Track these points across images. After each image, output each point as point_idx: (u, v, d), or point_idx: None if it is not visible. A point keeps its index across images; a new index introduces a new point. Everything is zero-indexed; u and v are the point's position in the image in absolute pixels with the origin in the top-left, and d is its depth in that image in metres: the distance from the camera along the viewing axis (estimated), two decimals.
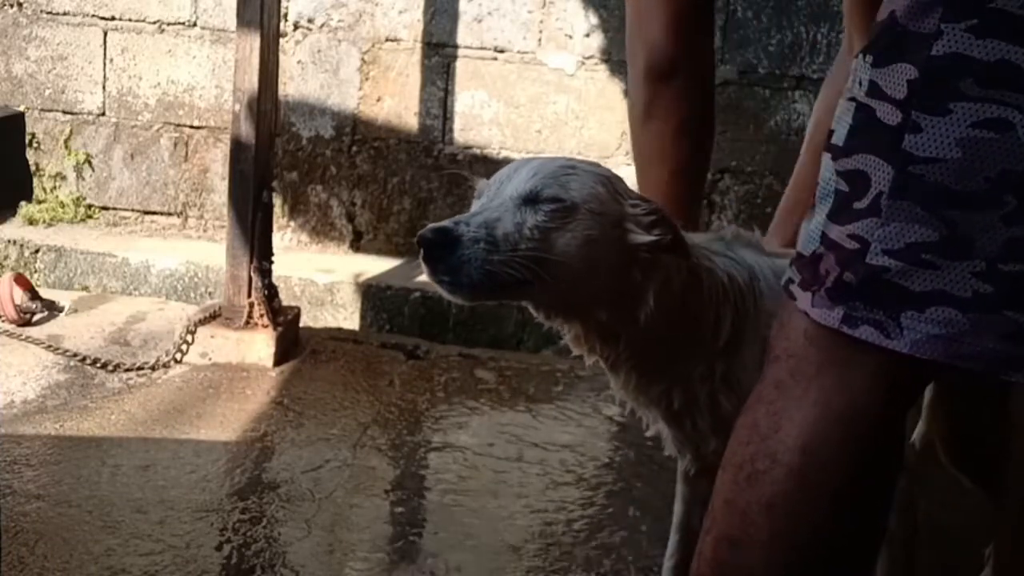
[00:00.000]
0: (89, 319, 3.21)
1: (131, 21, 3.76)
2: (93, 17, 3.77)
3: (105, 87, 3.82)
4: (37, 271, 3.58)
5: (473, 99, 3.66)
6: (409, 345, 3.17)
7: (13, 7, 3.80)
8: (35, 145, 3.83)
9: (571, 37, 3.59)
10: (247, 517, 2.14)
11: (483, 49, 3.63)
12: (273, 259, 3.00)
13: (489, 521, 2.21)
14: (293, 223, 3.80)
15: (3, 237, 3.59)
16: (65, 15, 3.78)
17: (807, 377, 1.08)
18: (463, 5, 3.61)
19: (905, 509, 1.58)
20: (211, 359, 2.91)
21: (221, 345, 2.92)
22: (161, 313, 3.30)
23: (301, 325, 3.16)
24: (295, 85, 3.73)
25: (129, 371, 2.82)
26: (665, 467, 2.36)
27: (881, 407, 1.07)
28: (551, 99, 3.63)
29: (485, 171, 3.30)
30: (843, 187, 1.05)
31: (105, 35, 3.78)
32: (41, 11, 3.79)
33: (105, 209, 3.88)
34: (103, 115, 3.83)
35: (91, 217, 3.87)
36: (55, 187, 3.86)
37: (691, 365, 1.48)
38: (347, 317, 3.43)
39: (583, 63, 3.60)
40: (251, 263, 2.92)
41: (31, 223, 3.76)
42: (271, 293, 2.98)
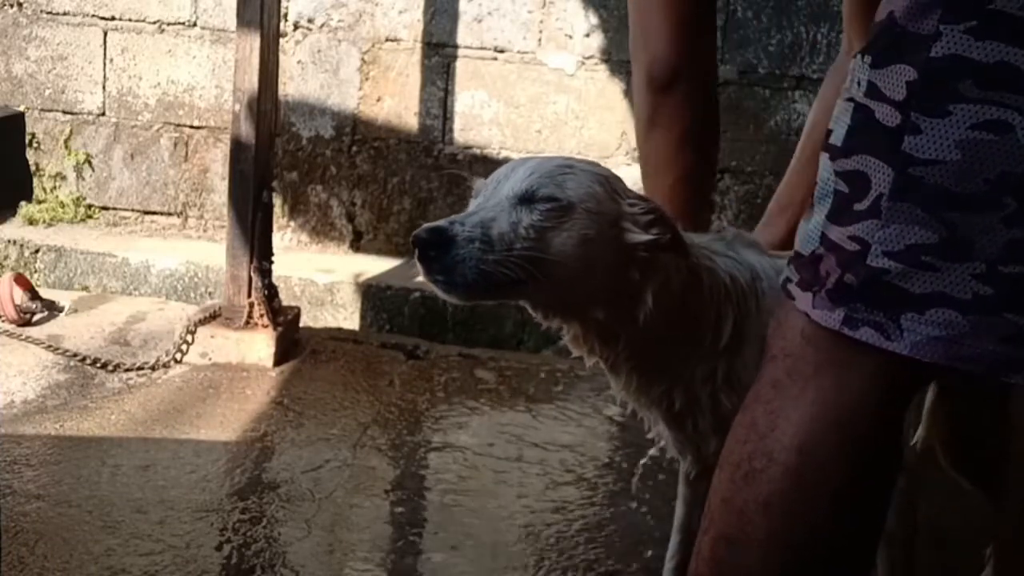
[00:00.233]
0: (89, 319, 3.21)
1: (131, 21, 3.76)
2: (93, 17, 3.77)
3: (105, 87, 3.81)
4: (37, 271, 3.58)
5: (473, 99, 3.66)
6: (409, 345, 3.17)
7: (13, 7, 3.80)
8: (35, 145, 3.83)
9: (571, 37, 3.59)
10: (247, 517, 2.14)
11: (483, 49, 3.63)
12: (273, 259, 3.00)
13: (489, 521, 2.20)
14: (293, 223, 3.80)
15: (3, 237, 3.59)
16: (65, 15, 3.78)
17: (804, 377, 1.08)
18: (463, 5, 3.61)
19: (905, 510, 1.58)
20: (211, 359, 2.91)
21: (221, 345, 2.92)
22: (161, 313, 3.30)
23: (301, 325, 3.16)
24: (295, 85, 3.73)
25: (129, 371, 2.82)
26: (665, 468, 2.37)
27: (879, 408, 1.07)
28: (551, 99, 3.63)
29: (485, 171, 3.32)
30: (842, 188, 1.05)
31: (105, 35, 3.78)
32: (41, 11, 3.79)
33: (105, 209, 3.88)
34: (103, 115, 3.83)
35: (91, 217, 3.87)
36: (55, 187, 3.86)
37: (692, 365, 1.47)
38: (347, 317, 3.43)
39: (583, 63, 3.60)
40: (251, 263, 2.92)
41: (31, 223, 3.76)
42: (271, 293, 2.97)
